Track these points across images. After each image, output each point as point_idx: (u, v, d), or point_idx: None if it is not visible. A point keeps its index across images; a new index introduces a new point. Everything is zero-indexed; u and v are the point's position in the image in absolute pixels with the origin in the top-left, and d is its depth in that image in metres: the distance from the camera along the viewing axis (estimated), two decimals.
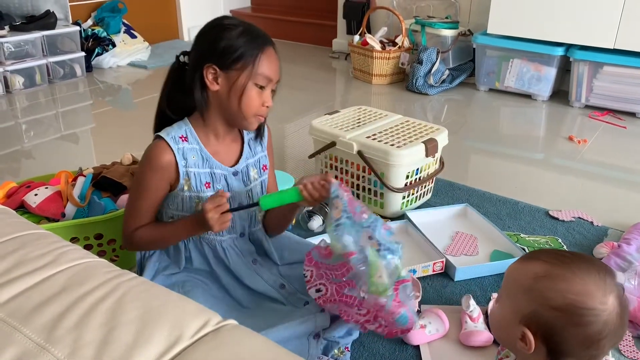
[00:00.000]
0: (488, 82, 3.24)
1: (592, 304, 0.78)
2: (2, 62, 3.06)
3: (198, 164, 1.19)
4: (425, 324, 1.29)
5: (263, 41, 1.15)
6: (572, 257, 0.84)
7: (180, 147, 1.17)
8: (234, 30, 1.13)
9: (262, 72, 1.14)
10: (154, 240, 1.22)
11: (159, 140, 1.17)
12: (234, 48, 1.12)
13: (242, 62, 1.13)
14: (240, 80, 1.13)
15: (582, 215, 1.86)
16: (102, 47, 3.60)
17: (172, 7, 4.35)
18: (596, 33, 2.79)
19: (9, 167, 2.26)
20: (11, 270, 0.79)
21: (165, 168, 1.16)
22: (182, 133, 1.19)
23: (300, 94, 3.23)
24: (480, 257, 1.63)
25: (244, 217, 1.28)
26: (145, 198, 1.19)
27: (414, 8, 3.67)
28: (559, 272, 0.81)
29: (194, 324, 0.71)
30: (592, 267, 0.81)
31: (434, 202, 1.95)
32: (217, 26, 1.15)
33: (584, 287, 0.79)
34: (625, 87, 2.80)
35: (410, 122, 1.97)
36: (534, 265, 0.84)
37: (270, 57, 1.16)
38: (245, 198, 1.26)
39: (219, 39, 1.13)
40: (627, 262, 1.50)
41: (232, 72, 1.13)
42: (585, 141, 2.52)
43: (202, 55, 1.15)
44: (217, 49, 1.13)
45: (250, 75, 1.13)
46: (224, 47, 1.12)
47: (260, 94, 1.16)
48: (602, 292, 0.78)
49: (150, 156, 1.17)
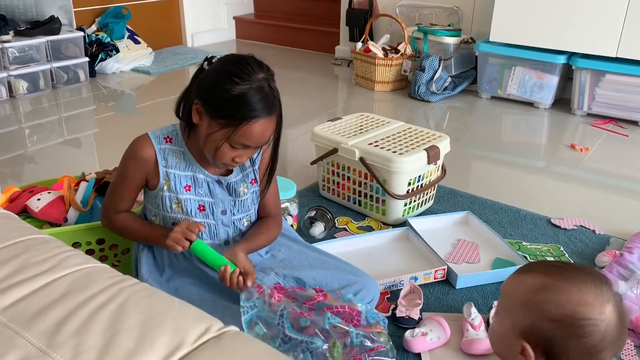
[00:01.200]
0: (490, 90, 3.25)
1: (590, 314, 0.77)
2: (6, 67, 3.07)
3: (180, 166, 1.20)
4: (427, 332, 1.28)
5: (258, 112, 1.09)
6: (567, 267, 0.84)
7: (163, 148, 1.19)
8: (238, 86, 1.07)
9: (241, 141, 1.10)
10: (129, 231, 1.27)
11: (144, 135, 1.20)
12: (225, 104, 1.08)
13: (226, 121, 1.09)
14: (217, 134, 1.10)
15: (584, 224, 1.85)
16: (105, 53, 3.61)
17: (175, 13, 4.37)
18: (598, 41, 2.80)
19: (12, 171, 2.26)
20: (13, 275, 0.79)
21: (144, 162, 1.19)
22: (169, 134, 1.21)
23: (303, 101, 3.24)
24: (481, 264, 1.62)
25: (227, 223, 1.27)
26: (122, 184, 1.23)
27: (416, 15, 3.68)
28: (555, 284, 0.80)
29: (196, 330, 0.71)
30: (589, 277, 0.81)
31: (436, 210, 1.95)
32: (228, 72, 1.09)
33: (581, 297, 0.78)
34: (627, 95, 2.80)
35: (412, 129, 1.97)
36: (529, 278, 0.83)
37: (255, 130, 1.10)
38: (229, 207, 1.25)
39: (219, 85, 1.09)
40: (630, 270, 1.50)
41: (215, 122, 1.10)
42: (587, 149, 2.52)
43: (200, 87, 1.13)
44: (212, 94, 1.10)
45: (228, 136, 1.10)
46: (218, 96, 1.09)
47: (234, 151, 1.13)
48: (599, 302, 0.78)
49: (132, 148, 1.20)
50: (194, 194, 1.21)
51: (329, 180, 1.98)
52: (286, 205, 1.73)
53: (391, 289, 1.49)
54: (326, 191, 2.01)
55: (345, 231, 1.81)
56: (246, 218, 1.29)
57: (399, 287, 1.49)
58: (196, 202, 1.22)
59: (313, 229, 1.74)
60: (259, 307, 1.10)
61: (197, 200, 1.22)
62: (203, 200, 1.22)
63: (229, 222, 1.27)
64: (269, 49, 4.56)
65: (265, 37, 4.71)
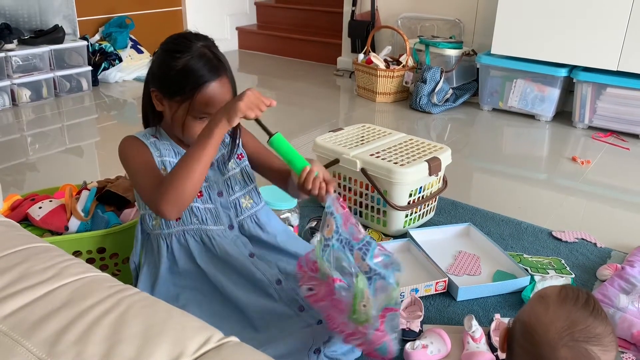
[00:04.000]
0: (491, 102, 3.26)
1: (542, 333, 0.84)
2: (10, 75, 3.09)
3: (171, 154, 1.22)
4: (427, 344, 1.28)
5: (206, 77, 1.11)
6: (582, 301, 0.87)
7: (152, 141, 1.21)
8: (180, 60, 1.10)
9: (201, 109, 1.12)
10: (178, 177, 1.09)
11: (130, 135, 1.22)
12: (174, 81, 1.11)
13: (180, 96, 1.11)
14: (179, 112, 1.13)
15: (585, 237, 1.85)
16: (108, 62, 3.64)
17: (178, 23, 4.40)
18: (600, 55, 2.81)
19: (14, 179, 2.27)
20: (14, 284, 0.79)
21: (143, 149, 1.19)
22: (152, 133, 1.23)
23: (305, 111, 3.25)
24: (482, 277, 1.62)
25: (227, 206, 1.26)
26: (147, 170, 1.17)
27: (418, 28, 3.71)
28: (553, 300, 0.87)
29: (196, 340, 0.70)
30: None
31: (437, 221, 1.95)
32: (167, 51, 1.13)
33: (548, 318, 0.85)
34: (628, 108, 2.81)
35: (414, 140, 1.97)
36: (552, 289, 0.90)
37: (211, 94, 1.11)
38: (224, 187, 1.26)
39: (163, 66, 1.12)
40: (631, 284, 1.49)
41: (173, 102, 1.13)
42: (588, 162, 2.52)
43: (151, 75, 1.16)
44: (160, 77, 1.13)
45: (187, 109, 1.12)
46: (166, 76, 1.12)
47: (201, 122, 1.14)
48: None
49: (125, 144, 1.21)
50: None
51: None
52: (287, 215, 1.73)
53: None
54: None
55: None
56: (244, 198, 1.28)
57: (400, 298, 1.48)
58: None
59: (314, 240, 1.74)
60: (340, 237, 1.07)
61: None
62: None
63: (227, 204, 1.26)
64: (272, 59, 4.59)
65: (267, 48, 4.74)
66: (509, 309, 1.48)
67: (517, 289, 1.54)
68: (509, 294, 1.54)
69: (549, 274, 1.62)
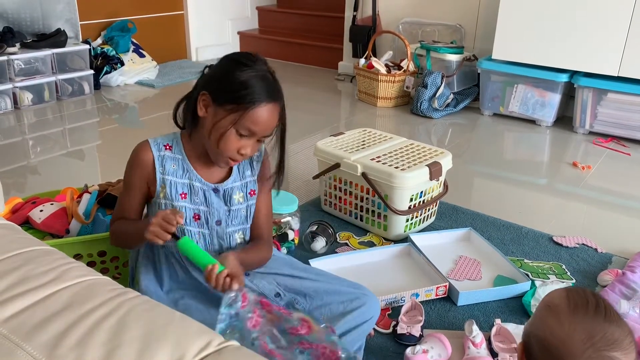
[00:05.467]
0: (492, 107, 3.26)
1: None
2: (12, 79, 3.10)
3: (177, 173, 1.21)
4: (428, 349, 1.28)
5: (264, 96, 1.13)
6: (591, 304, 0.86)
7: (162, 154, 1.20)
8: (245, 72, 1.12)
9: (247, 125, 1.13)
10: (121, 234, 1.24)
11: (144, 141, 1.22)
12: (233, 89, 1.12)
13: (233, 106, 1.12)
14: (224, 121, 1.13)
15: (586, 242, 1.85)
16: (110, 66, 3.64)
17: (180, 27, 4.41)
18: (600, 60, 2.81)
19: (15, 182, 2.27)
20: (15, 287, 0.79)
21: (144, 165, 1.20)
22: (169, 142, 1.22)
23: (306, 115, 3.26)
24: (483, 281, 1.62)
25: (221, 235, 1.25)
26: (127, 194, 1.24)
27: (419, 33, 3.71)
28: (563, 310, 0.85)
29: (196, 344, 0.70)
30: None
31: (438, 226, 1.95)
32: (234, 60, 1.15)
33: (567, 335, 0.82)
34: (629, 114, 2.81)
35: (415, 145, 1.97)
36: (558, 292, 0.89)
37: (262, 115, 1.13)
38: (224, 217, 1.25)
39: (226, 73, 1.14)
40: (632, 290, 1.49)
41: (221, 110, 1.13)
42: (589, 167, 2.52)
43: (207, 79, 1.17)
44: (219, 82, 1.14)
45: (234, 121, 1.12)
46: (225, 83, 1.13)
47: (239, 140, 1.15)
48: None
49: (133, 154, 1.22)
50: (190, 202, 1.21)
51: (331, 195, 1.98)
52: (288, 219, 1.73)
53: (392, 306, 1.49)
54: (328, 206, 2.01)
55: (347, 246, 1.81)
56: (239, 234, 1.28)
57: (400, 303, 1.48)
58: (191, 210, 1.21)
59: (314, 244, 1.74)
60: (238, 318, 1.04)
61: (193, 208, 1.22)
62: (198, 209, 1.22)
63: (223, 234, 1.26)
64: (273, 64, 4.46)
65: (269, 53, 4.74)
66: (510, 314, 1.47)
67: (517, 294, 1.54)
68: (510, 299, 1.54)
69: (550, 279, 1.62)
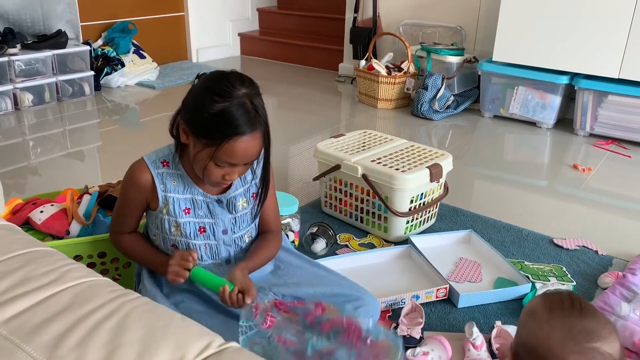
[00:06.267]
0: (493, 109, 3.26)
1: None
2: (12, 80, 3.10)
3: (178, 190, 1.19)
4: (428, 351, 1.27)
5: (240, 129, 1.06)
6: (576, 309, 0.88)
7: (160, 172, 1.18)
8: (218, 104, 1.05)
9: (224, 159, 1.09)
10: (132, 255, 1.30)
11: (139, 160, 1.20)
12: (205, 123, 1.06)
13: (207, 140, 1.07)
14: (202, 154, 1.09)
15: (586, 244, 1.85)
16: (111, 67, 3.65)
17: (181, 29, 4.41)
18: (601, 62, 2.81)
19: (16, 183, 2.27)
20: (15, 288, 0.79)
21: (142, 187, 1.18)
22: (165, 158, 1.19)
23: (306, 117, 3.26)
24: (483, 284, 1.62)
25: (228, 242, 1.25)
26: (125, 207, 1.25)
27: (420, 34, 3.72)
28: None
29: (197, 345, 0.70)
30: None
31: (438, 228, 1.95)
32: (208, 90, 1.08)
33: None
34: (629, 116, 2.81)
35: (415, 146, 1.97)
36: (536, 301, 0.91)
37: (238, 147, 1.07)
38: (229, 225, 1.24)
39: (199, 106, 1.07)
40: (632, 292, 1.49)
41: (199, 142, 1.09)
42: (589, 169, 2.52)
43: (184, 107, 1.12)
44: (193, 113, 1.09)
45: (211, 155, 1.08)
46: (198, 116, 1.07)
47: (221, 169, 1.11)
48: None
49: (130, 173, 1.21)
50: (194, 216, 1.20)
51: (331, 197, 1.98)
52: (288, 221, 1.73)
53: (392, 307, 1.49)
54: (328, 207, 2.01)
55: (347, 248, 1.80)
56: (247, 234, 1.28)
57: (401, 305, 1.48)
58: (196, 224, 1.21)
59: (314, 246, 1.74)
60: (255, 328, 1.07)
61: (197, 222, 1.21)
62: (203, 222, 1.21)
63: (230, 241, 1.25)
64: (273, 65, 4.60)
65: (269, 54, 4.75)
66: (510, 316, 1.47)
67: (518, 296, 1.54)
68: (510, 301, 1.53)
69: (550, 281, 1.61)
